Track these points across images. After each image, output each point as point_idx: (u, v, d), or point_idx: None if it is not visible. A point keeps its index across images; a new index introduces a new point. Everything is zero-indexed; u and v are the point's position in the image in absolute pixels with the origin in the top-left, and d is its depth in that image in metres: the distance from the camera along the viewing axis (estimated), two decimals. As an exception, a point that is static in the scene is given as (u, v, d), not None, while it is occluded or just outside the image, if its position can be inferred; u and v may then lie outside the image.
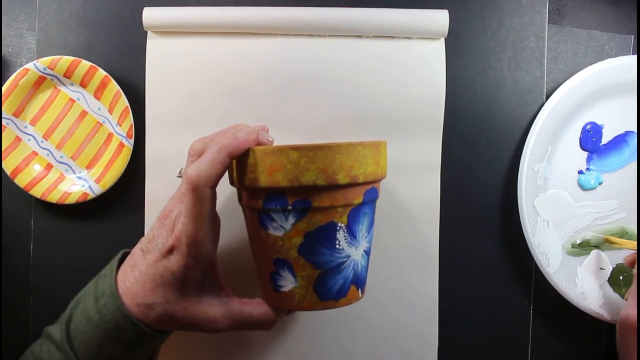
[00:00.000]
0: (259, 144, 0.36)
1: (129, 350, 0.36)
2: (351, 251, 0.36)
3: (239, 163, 0.36)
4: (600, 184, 0.48)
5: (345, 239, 0.35)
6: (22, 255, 0.47)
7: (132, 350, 0.36)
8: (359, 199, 0.35)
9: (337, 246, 0.35)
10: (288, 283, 0.36)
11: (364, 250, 0.37)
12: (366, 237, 0.37)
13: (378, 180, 0.37)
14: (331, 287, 0.36)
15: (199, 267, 0.35)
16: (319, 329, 0.46)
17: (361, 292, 0.38)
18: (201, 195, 0.34)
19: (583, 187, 0.48)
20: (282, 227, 0.35)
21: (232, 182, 0.38)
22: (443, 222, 0.47)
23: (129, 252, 0.39)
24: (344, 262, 0.36)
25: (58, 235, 0.47)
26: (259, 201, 0.35)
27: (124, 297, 0.35)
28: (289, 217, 0.35)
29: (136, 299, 0.35)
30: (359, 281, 0.37)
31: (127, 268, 0.36)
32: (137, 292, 0.35)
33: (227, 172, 0.38)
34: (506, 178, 0.48)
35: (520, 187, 0.46)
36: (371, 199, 0.37)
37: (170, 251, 0.35)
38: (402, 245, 0.46)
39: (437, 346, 0.47)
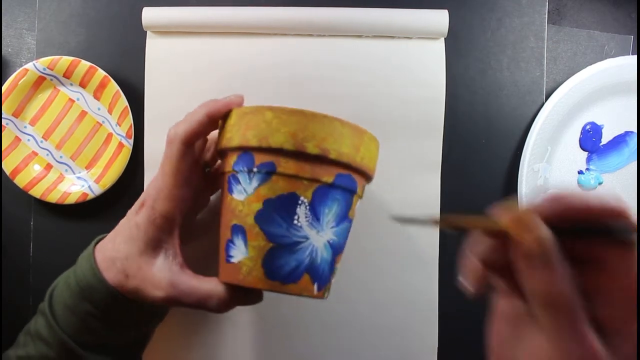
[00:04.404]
0: None
1: (101, 313, 0.35)
2: (311, 233, 0.34)
3: (222, 125, 0.36)
4: (600, 184, 0.48)
5: (306, 217, 0.33)
6: (22, 255, 0.47)
7: (105, 315, 0.35)
8: (328, 178, 0.34)
9: (295, 222, 0.33)
10: (239, 253, 0.34)
11: (329, 241, 0.35)
12: (333, 227, 0.35)
13: (356, 170, 0.35)
14: (281, 266, 0.33)
15: (160, 223, 0.35)
16: (317, 329, 0.46)
17: (318, 289, 0.35)
18: (174, 150, 0.35)
19: (583, 187, 0.48)
20: (245, 190, 0.34)
21: (216, 151, 0.38)
22: (443, 222, 0.47)
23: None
24: (300, 243, 0.34)
25: (58, 235, 0.47)
26: (231, 162, 0.35)
27: (97, 253, 0.36)
28: (252, 180, 0.34)
29: (105, 253, 0.36)
30: (316, 273, 0.34)
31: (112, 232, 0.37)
32: (107, 246, 0.36)
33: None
34: (506, 178, 0.48)
35: (520, 187, 0.46)
36: (344, 185, 0.35)
37: (141, 206, 0.36)
38: (402, 246, 0.46)
39: (437, 346, 0.47)
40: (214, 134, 0.38)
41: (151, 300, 0.35)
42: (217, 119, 0.36)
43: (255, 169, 0.33)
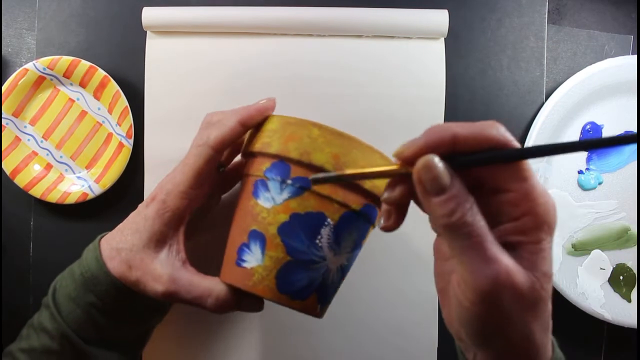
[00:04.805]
0: None
1: (104, 305, 0.35)
2: (329, 255, 0.34)
3: (258, 127, 0.36)
4: (600, 184, 0.48)
5: (328, 239, 0.34)
6: (22, 255, 0.47)
7: (108, 307, 0.35)
8: (356, 206, 0.34)
9: (318, 241, 0.33)
10: (253, 259, 0.34)
11: (341, 266, 0.35)
12: (348, 254, 0.35)
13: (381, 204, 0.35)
14: (294, 281, 0.33)
15: (168, 218, 0.35)
16: (318, 329, 0.46)
17: (320, 309, 0.35)
18: (202, 153, 0.35)
19: (583, 187, 0.48)
20: (273, 199, 0.34)
21: (244, 150, 0.37)
22: (443, 222, 0.47)
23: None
24: (316, 262, 0.34)
25: (58, 235, 0.47)
26: (263, 167, 0.34)
27: (104, 244, 0.36)
28: (284, 191, 0.33)
29: (111, 243, 0.36)
30: (323, 294, 0.35)
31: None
32: (115, 237, 0.36)
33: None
34: (506, 178, 0.48)
35: (520, 187, 0.46)
36: (368, 215, 0.35)
37: (152, 200, 0.36)
38: (402, 246, 0.46)
39: (437, 346, 0.47)
40: None
41: (151, 294, 0.35)
42: (250, 126, 0.36)
43: (289, 181, 0.33)
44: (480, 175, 0.26)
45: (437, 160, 0.25)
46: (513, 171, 0.26)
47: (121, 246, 0.35)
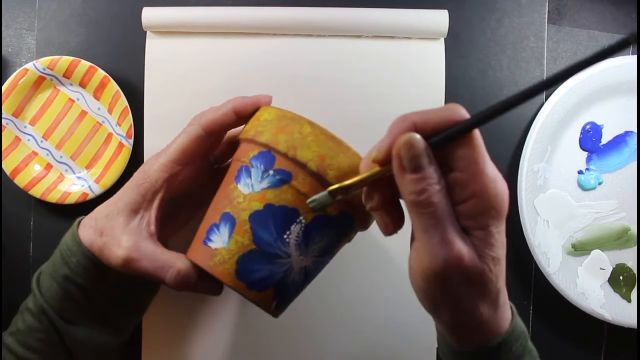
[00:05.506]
0: None
1: (78, 277, 0.35)
2: (294, 254, 0.34)
3: (256, 117, 0.36)
4: (600, 184, 0.48)
5: (297, 237, 0.33)
6: (22, 255, 0.47)
7: (82, 280, 0.35)
8: (332, 211, 0.34)
9: (286, 237, 0.33)
10: (219, 240, 0.34)
11: (305, 267, 0.35)
12: (315, 256, 0.35)
13: (361, 215, 0.35)
14: (253, 270, 0.33)
15: (145, 189, 0.36)
16: (316, 329, 0.46)
17: (276, 307, 0.35)
18: (190, 130, 0.37)
19: (583, 187, 0.48)
20: (252, 185, 0.34)
21: (239, 137, 0.37)
22: (443, 222, 0.47)
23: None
24: (280, 257, 0.33)
25: (58, 235, 0.46)
26: (250, 154, 0.34)
27: (85, 218, 0.37)
28: (264, 180, 0.33)
29: (92, 215, 0.36)
30: (281, 291, 0.34)
31: None
32: (97, 209, 0.37)
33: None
34: (506, 178, 0.47)
35: (520, 187, 0.46)
36: (343, 224, 0.35)
37: (137, 172, 0.37)
38: (401, 245, 0.46)
39: (436, 346, 0.47)
40: (230, 131, 0.39)
41: (113, 260, 0.35)
42: (243, 115, 0.37)
43: (271, 171, 0.33)
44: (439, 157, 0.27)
45: (418, 139, 0.26)
46: (465, 151, 0.26)
47: (98, 215, 0.36)
